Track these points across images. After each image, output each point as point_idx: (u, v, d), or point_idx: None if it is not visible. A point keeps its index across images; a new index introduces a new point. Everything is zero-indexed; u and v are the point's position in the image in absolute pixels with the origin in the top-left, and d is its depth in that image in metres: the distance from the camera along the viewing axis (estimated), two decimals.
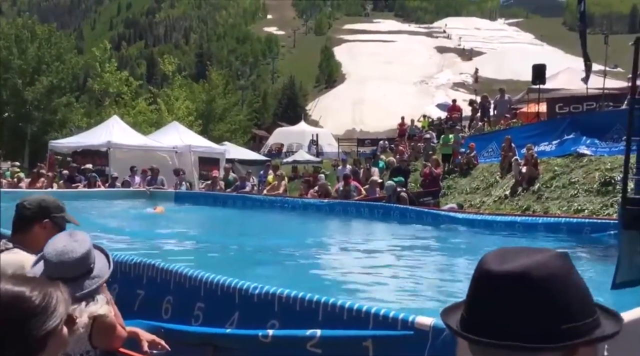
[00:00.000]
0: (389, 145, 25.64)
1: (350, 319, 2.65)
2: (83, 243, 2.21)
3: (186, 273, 3.37)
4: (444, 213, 9.01)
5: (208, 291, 3.23)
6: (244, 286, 3.07)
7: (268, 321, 2.91)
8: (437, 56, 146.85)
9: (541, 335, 0.88)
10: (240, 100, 49.44)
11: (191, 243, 7.38)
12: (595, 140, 12.70)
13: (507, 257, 0.94)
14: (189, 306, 3.26)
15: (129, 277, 3.64)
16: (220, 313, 3.12)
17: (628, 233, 3.63)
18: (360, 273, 5.11)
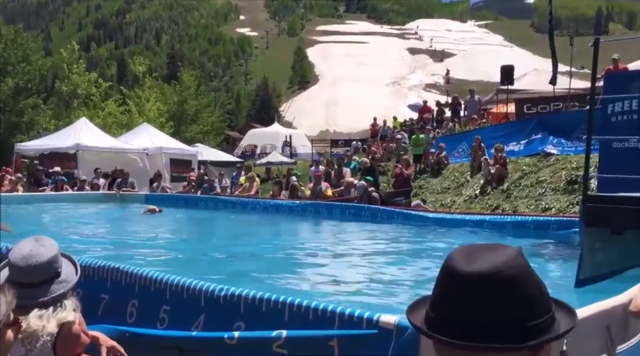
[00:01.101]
0: (362, 145, 25.77)
1: (316, 319, 2.65)
2: (50, 248, 2.17)
3: (151, 276, 3.33)
4: (414, 212, 9.08)
5: (173, 294, 3.19)
6: (209, 288, 3.05)
7: (234, 323, 2.89)
8: (409, 57, 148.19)
9: (509, 333, 0.88)
10: (212, 101, 49.06)
11: (159, 246, 7.29)
12: (561, 139, 12.97)
13: (473, 255, 0.94)
14: (154, 309, 3.22)
15: (93, 281, 3.56)
16: (186, 316, 3.09)
17: (590, 230, 3.71)
18: (328, 273, 5.11)
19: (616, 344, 2.70)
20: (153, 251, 6.68)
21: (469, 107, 19.88)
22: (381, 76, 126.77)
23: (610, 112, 5.41)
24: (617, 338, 2.71)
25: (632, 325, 2.95)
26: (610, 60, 13.31)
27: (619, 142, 5.32)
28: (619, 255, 3.96)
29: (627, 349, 2.85)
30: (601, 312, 2.64)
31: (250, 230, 9.52)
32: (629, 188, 4.33)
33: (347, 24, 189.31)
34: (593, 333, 2.57)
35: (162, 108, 34.21)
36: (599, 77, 7.83)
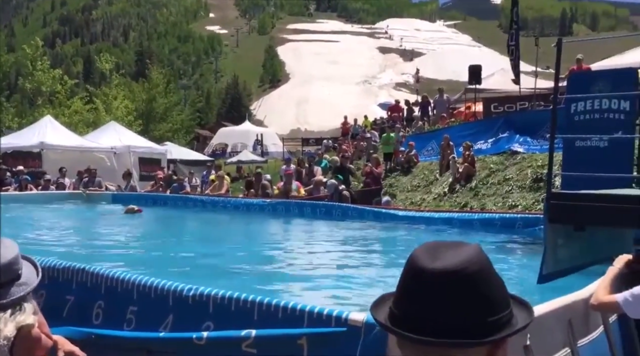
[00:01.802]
0: (333, 144, 25.83)
1: (285, 318, 2.64)
2: (10, 249, 2.11)
3: (118, 276, 3.27)
4: (385, 211, 9.16)
5: (141, 294, 3.15)
6: (177, 288, 3.01)
7: (203, 323, 2.87)
8: (379, 56, 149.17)
9: (470, 329, 0.89)
10: (182, 99, 48.49)
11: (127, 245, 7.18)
12: (527, 138, 13.22)
13: (436, 253, 0.95)
14: (121, 310, 3.17)
15: (57, 282, 3.49)
16: (153, 316, 3.05)
17: (553, 227, 3.79)
18: (298, 272, 5.12)
19: (578, 338, 2.78)
20: (123, 251, 6.58)
21: (438, 106, 20.12)
22: (352, 75, 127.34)
23: (573, 111, 5.55)
24: (578, 332, 2.79)
25: (593, 319, 3.03)
26: (575, 60, 13.63)
27: (582, 141, 5.47)
28: (582, 251, 4.07)
29: (589, 343, 2.94)
30: (563, 307, 2.70)
31: (220, 229, 9.46)
32: (591, 185, 4.45)
33: (317, 23, 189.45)
34: (555, 328, 2.64)
35: (130, 107, 33.66)
36: (563, 77, 8.03)
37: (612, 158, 5.21)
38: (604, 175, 4.60)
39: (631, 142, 5.34)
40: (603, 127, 5.37)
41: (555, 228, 3.79)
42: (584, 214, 3.65)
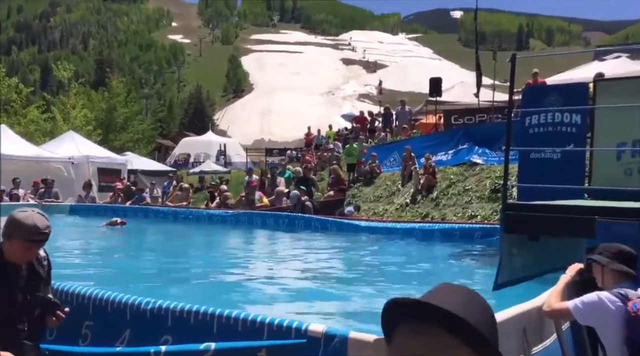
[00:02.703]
0: (297, 155, 25.85)
1: (245, 330, 2.64)
2: None
3: (73, 290, 3.20)
4: (347, 221, 9.21)
5: (97, 308, 3.09)
6: (135, 301, 2.97)
7: (161, 336, 2.83)
8: (343, 68, 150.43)
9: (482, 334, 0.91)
10: (143, 109, 47.74)
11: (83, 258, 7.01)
12: (486, 149, 13.52)
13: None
14: (77, 325, 3.10)
15: None
16: (110, 331, 2.99)
17: (508, 236, 3.89)
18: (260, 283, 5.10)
19: (532, 345, 2.86)
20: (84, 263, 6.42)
21: (400, 118, 20.40)
22: (316, 86, 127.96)
23: (528, 124, 5.72)
24: (532, 339, 2.86)
25: (547, 327, 3.12)
26: (532, 74, 14.05)
27: (536, 153, 5.63)
28: (536, 260, 4.18)
29: (543, 350, 3.02)
30: (517, 315, 2.78)
31: (181, 241, 9.32)
32: (546, 196, 4.59)
33: (281, 34, 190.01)
34: (510, 336, 2.70)
35: (89, 116, 32.89)
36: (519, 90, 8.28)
37: (564, 170, 5.39)
38: (557, 187, 4.74)
39: (582, 154, 5.54)
40: (556, 140, 5.55)
41: (510, 238, 3.89)
42: (537, 224, 3.76)
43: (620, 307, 2.64)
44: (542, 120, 5.68)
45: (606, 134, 5.13)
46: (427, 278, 5.54)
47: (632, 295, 2.68)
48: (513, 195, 6.63)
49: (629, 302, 2.62)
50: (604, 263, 2.88)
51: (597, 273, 2.94)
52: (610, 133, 5.09)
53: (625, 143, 4.97)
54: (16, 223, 2.51)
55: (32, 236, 2.51)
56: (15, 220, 2.52)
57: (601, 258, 2.91)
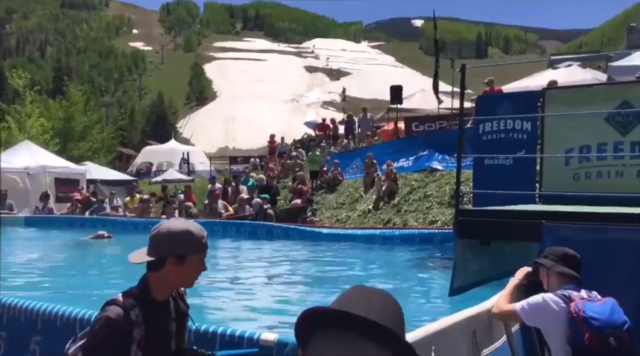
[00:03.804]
0: (260, 162, 25.75)
1: (197, 340, 2.62)
2: None
3: (20, 305, 3.12)
4: (309, 229, 9.23)
5: (46, 323, 3.02)
6: (85, 315, 2.91)
7: None
8: (306, 75, 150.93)
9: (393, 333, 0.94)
10: (104, 117, 46.81)
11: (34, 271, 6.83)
12: (446, 156, 13.78)
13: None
14: (24, 340, 3.02)
15: None
16: (59, 345, 2.92)
17: (461, 242, 3.98)
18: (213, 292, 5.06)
19: (482, 348, 2.93)
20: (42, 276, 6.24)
21: (362, 125, 20.60)
22: (279, 93, 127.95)
23: (482, 131, 5.87)
24: (482, 342, 2.94)
25: (497, 329, 3.20)
26: (487, 81, 14.39)
27: (490, 159, 5.78)
28: (489, 264, 4.29)
29: (493, 351, 3.10)
30: (467, 318, 2.84)
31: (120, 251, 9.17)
32: (500, 201, 4.71)
33: (244, 41, 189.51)
34: (460, 339, 2.77)
35: (46, 125, 32.03)
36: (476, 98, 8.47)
37: (517, 175, 5.55)
38: (510, 193, 4.87)
39: (534, 160, 5.71)
40: (509, 147, 5.72)
41: (463, 243, 3.97)
42: (487, 229, 3.86)
43: (563, 308, 2.73)
44: (495, 127, 5.84)
45: (555, 141, 5.30)
46: (386, 283, 5.60)
47: (575, 296, 2.78)
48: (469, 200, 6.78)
49: (571, 303, 2.72)
50: (549, 266, 2.98)
51: (543, 276, 3.04)
52: (558, 140, 5.27)
53: (572, 149, 5.15)
54: (189, 235, 1.95)
55: (205, 247, 2.02)
56: (188, 231, 1.95)
57: (546, 261, 3.00)
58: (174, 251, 1.92)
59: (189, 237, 1.94)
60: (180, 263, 1.93)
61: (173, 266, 1.93)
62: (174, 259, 1.92)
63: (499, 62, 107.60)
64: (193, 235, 1.95)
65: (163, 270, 1.93)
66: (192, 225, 2.00)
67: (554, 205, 4.68)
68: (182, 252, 1.93)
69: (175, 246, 1.92)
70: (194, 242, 1.95)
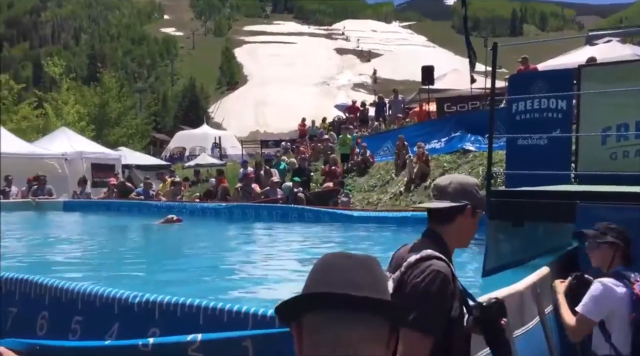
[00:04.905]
0: (291, 146, 25.84)
1: (230, 321, 2.68)
2: None
3: (62, 286, 3.24)
4: (340, 212, 9.26)
5: (86, 303, 3.12)
6: (123, 295, 3.01)
7: (149, 329, 2.87)
8: (336, 57, 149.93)
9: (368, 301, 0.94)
10: (137, 103, 47.56)
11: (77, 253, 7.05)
12: (478, 136, 13.56)
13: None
14: (66, 320, 3.14)
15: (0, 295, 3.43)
16: (99, 325, 3.03)
17: (493, 223, 3.94)
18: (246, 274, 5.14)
19: (513, 329, 2.91)
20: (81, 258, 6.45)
21: (393, 107, 20.44)
22: (310, 76, 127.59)
23: (515, 111, 5.76)
24: (514, 323, 2.92)
25: (529, 310, 3.18)
26: (521, 59, 14.04)
27: (523, 139, 5.68)
28: (521, 246, 4.23)
29: (525, 333, 3.07)
30: None
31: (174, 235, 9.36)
32: (533, 182, 4.63)
33: (274, 25, 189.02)
34: None
35: (82, 112, 32.77)
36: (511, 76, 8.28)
37: (551, 155, 5.44)
38: (544, 173, 4.79)
39: (569, 140, 5.58)
40: (543, 126, 5.59)
41: (495, 225, 3.93)
42: (520, 211, 3.80)
43: (626, 291, 2.66)
44: (529, 106, 5.72)
45: (591, 119, 5.17)
46: None
47: (632, 278, 2.71)
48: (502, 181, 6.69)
49: (634, 285, 2.66)
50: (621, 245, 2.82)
51: (607, 254, 2.85)
52: (595, 118, 5.13)
53: (610, 127, 5.01)
54: (479, 191, 1.97)
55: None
56: (478, 186, 1.97)
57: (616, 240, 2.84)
58: (473, 202, 1.94)
59: (480, 192, 1.98)
60: (473, 216, 1.95)
61: (467, 218, 1.94)
62: (470, 211, 1.94)
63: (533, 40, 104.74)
64: (480, 192, 1.98)
65: (456, 222, 1.95)
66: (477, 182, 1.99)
67: (590, 185, 4.58)
68: (477, 204, 1.96)
69: (473, 198, 1.95)
70: (482, 198, 1.99)
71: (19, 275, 3.46)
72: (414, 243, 1.98)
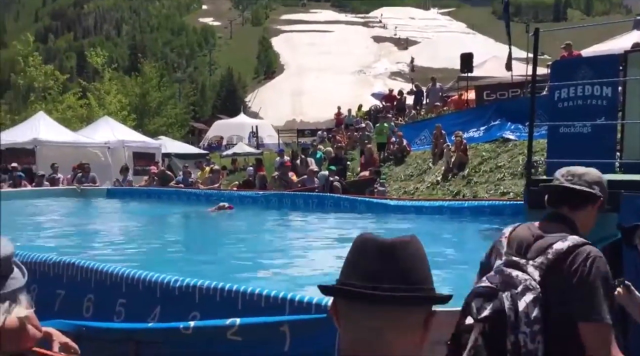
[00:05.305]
0: (328, 135, 25.83)
1: (268, 306, 2.73)
2: (7, 245, 2.21)
3: (107, 270, 3.36)
4: (376, 201, 9.24)
5: (129, 287, 3.23)
6: (165, 280, 3.10)
7: (190, 313, 2.96)
8: (374, 46, 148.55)
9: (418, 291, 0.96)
10: (176, 93, 48.32)
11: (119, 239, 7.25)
12: (519, 125, 13.28)
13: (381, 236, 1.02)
14: (111, 303, 3.25)
15: (48, 277, 3.58)
16: (142, 308, 3.14)
17: (533, 212, 3.86)
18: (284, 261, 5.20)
19: None
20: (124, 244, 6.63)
21: (431, 95, 20.17)
22: (346, 65, 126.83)
23: (557, 98, 5.61)
24: None
25: None
26: (564, 45, 13.64)
27: (566, 127, 5.53)
28: None
29: None
30: None
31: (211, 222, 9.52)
32: None
33: (311, 13, 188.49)
34: None
35: (123, 101, 33.53)
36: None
37: (595, 144, 5.28)
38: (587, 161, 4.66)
39: (614, 127, 5.41)
40: (586, 114, 5.43)
41: (535, 214, 3.85)
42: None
43: None
44: (572, 93, 5.56)
45: (638, 106, 4.99)
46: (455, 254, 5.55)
47: None
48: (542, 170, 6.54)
49: None
50: None
51: None
52: None
53: None
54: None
55: None
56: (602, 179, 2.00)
57: None
58: (604, 194, 2.01)
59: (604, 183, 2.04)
60: (600, 208, 2.01)
61: (594, 210, 2.01)
62: (600, 204, 2.01)
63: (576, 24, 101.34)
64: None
65: (586, 210, 2.00)
66: None
67: (636, 174, 4.44)
68: (605, 197, 2.02)
69: (604, 192, 2.02)
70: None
71: (67, 259, 3.60)
72: (538, 226, 1.98)
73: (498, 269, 1.88)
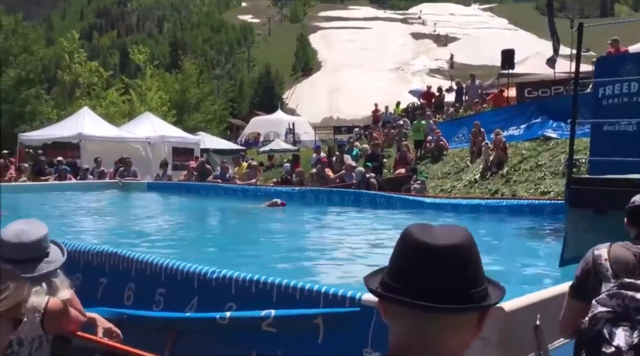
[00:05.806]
0: (364, 132, 25.76)
1: (302, 298, 2.76)
2: (40, 228, 2.30)
3: (147, 260, 3.45)
4: (412, 198, 9.18)
5: (168, 277, 3.32)
6: (202, 271, 3.17)
7: (226, 303, 3.01)
8: (412, 42, 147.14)
9: (467, 296, 0.96)
10: (215, 89, 48.94)
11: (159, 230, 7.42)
12: (561, 123, 12.97)
13: (432, 231, 1.01)
14: (150, 292, 3.34)
15: (92, 266, 3.70)
16: (180, 298, 3.21)
17: (574, 211, 3.79)
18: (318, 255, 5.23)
19: None
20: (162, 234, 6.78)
21: (470, 92, 19.88)
22: (384, 62, 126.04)
23: (602, 95, 5.47)
24: None
25: None
26: (611, 41, 13.22)
27: (610, 125, 5.39)
28: (604, 235, 4.04)
29: None
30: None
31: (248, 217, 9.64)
32: (620, 170, 4.40)
33: (349, 10, 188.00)
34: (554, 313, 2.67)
35: (164, 97, 34.18)
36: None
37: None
38: (631, 160, 4.53)
39: None
40: (632, 111, 5.27)
41: (576, 213, 3.78)
42: (602, 198, 3.63)
43: None
44: (617, 90, 5.41)
45: None
46: (492, 252, 5.48)
47: None
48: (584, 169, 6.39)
49: None
50: None
51: None
52: None
53: None
54: None
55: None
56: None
57: None
58: None
59: None
60: None
61: None
62: None
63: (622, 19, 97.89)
64: None
65: None
66: None
67: None
68: None
69: None
70: None
71: (110, 249, 3.71)
72: (634, 244, 2.07)
73: (613, 292, 1.92)
